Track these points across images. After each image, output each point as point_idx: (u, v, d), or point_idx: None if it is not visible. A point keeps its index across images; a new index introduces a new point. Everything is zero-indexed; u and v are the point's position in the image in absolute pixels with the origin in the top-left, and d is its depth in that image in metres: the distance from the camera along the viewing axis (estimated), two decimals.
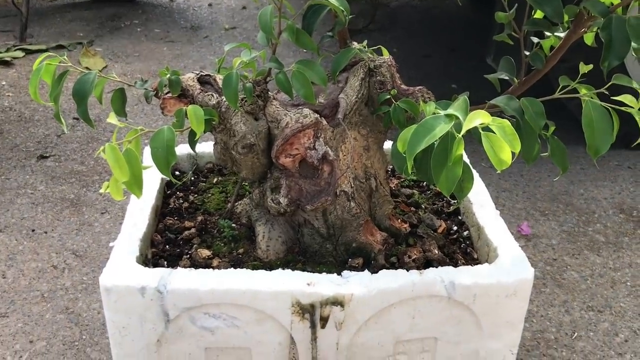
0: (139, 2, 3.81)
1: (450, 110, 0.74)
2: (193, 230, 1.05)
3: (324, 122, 0.95)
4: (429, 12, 3.67)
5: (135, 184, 0.78)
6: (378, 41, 3.20)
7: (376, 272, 0.92)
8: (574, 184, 1.99)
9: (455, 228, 1.12)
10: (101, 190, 0.81)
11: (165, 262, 0.98)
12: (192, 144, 0.92)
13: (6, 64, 2.82)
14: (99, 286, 1.50)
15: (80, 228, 1.72)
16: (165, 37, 3.24)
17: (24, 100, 2.49)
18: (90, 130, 2.23)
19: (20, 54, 2.92)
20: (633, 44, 0.82)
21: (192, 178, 1.22)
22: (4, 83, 2.64)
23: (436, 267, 0.96)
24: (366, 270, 0.92)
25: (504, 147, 0.68)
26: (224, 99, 0.94)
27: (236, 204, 1.10)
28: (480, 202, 1.10)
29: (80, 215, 1.78)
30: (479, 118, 0.67)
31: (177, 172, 1.25)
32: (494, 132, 0.69)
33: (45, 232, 1.70)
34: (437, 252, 1.02)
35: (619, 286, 1.55)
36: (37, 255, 1.61)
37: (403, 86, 0.99)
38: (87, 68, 2.81)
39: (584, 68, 0.90)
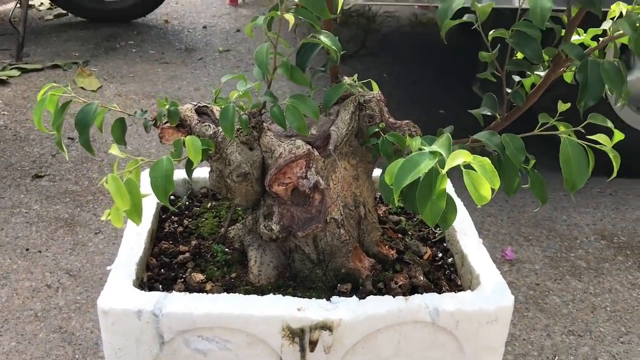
0: (135, 23, 3.87)
1: (434, 147, 0.79)
2: (187, 254, 1.09)
3: (316, 152, 0.99)
4: (418, 38, 3.75)
5: (135, 212, 0.82)
6: (369, 66, 3.27)
7: (364, 297, 0.96)
8: (557, 210, 2.04)
9: (440, 255, 1.17)
10: (102, 218, 0.85)
11: (161, 286, 1.02)
12: (189, 173, 0.96)
13: (2, 82, 2.86)
14: (92, 306, 1.53)
15: (74, 248, 1.75)
16: (160, 59, 3.29)
17: (20, 119, 2.52)
18: (85, 150, 2.26)
19: (16, 72, 2.96)
20: (607, 86, 0.87)
21: (187, 202, 1.26)
22: None
23: (421, 293, 1.01)
24: (354, 296, 0.96)
25: (484, 183, 0.73)
26: (221, 130, 0.98)
27: (229, 229, 1.14)
28: (464, 230, 1.15)
29: (74, 235, 1.81)
30: (461, 157, 0.72)
31: (172, 197, 1.29)
32: (475, 170, 0.74)
33: (40, 252, 1.73)
34: (422, 278, 1.06)
35: (599, 311, 1.60)
36: (31, 275, 1.63)
37: (391, 119, 1.04)
38: (82, 88, 2.85)
39: (562, 107, 0.95)
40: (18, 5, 3.23)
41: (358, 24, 3.68)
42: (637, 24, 0.82)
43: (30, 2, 3.41)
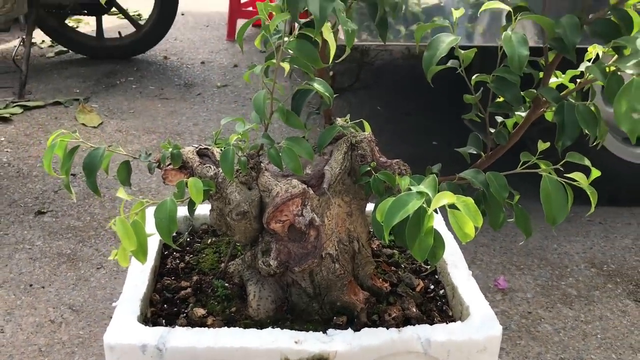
0: (134, 59, 3.96)
1: (421, 187, 0.84)
2: (189, 289, 1.14)
3: (311, 191, 1.05)
4: (411, 70, 3.84)
5: (141, 252, 0.87)
6: (363, 99, 3.35)
7: (359, 330, 1.00)
8: (548, 239, 2.09)
9: (432, 287, 1.21)
10: (110, 258, 0.89)
11: (164, 321, 1.06)
12: (191, 212, 1.01)
13: (5, 120, 2.92)
14: (95, 340, 1.56)
15: (76, 283, 1.79)
16: (159, 94, 3.37)
17: (22, 156, 2.58)
18: (86, 186, 2.32)
19: (18, 110, 3.03)
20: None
21: (188, 239, 1.31)
22: (2, 139, 2.73)
23: (414, 324, 1.05)
24: (349, 328, 1.00)
25: (468, 222, 0.78)
26: (221, 171, 1.03)
27: (229, 264, 1.19)
28: (455, 262, 1.20)
29: (76, 270, 1.85)
30: (445, 198, 0.78)
31: (173, 233, 1.34)
32: (459, 209, 0.79)
33: (43, 287, 1.77)
34: (415, 310, 1.10)
35: (590, 339, 1.64)
36: (34, 310, 1.67)
37: (382, 159, 1.10)
38: (83, 124, 2.92)
39: (542, 146, 1.01)
40: (21, 44, 3.31)
41: (352, 58, 3.77)
42: (607, 70, 0.88)
43: (32, 40, 3.49)
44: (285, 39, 0.95)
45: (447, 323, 1.04)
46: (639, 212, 2.29)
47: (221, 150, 1.10)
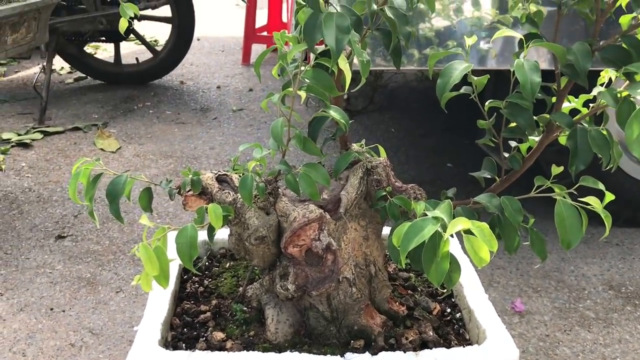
0: (151, 84, 4.03)
1: (437, 213, 0.86)
2: (208, 313, 1.15)
3: (328, 216, 1.07)
4: (424, 93, 3.87)
5: (163, 277, 0.89)
6: (377, 121, 3.38)
7: (376, 353, 1.01)
8: (564, 261, 2.09)
9: (449, 310, 1.22)
10: (133, 283, 0.92)
11: (184, 345, 1.08)
12: (211, 237, 1.04)
13: (26, 145, 2.98)
14: None
15: (96, 307, 1.81)
16: (176, 119, 3.42)
17: (42, 181, 2.63)
18: (106, 210, 2.35)
19: (39, 135, 3.09)
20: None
21: (207, 263, 1.33)
22: (23, 164, 2.79)
23: (431, 348, 1.06)
24: (367, 352, 1.01)
25: (483, 247, 0.79)
26: (239, 196, 1.06)
27: (247, 288, 1.20)
28: (471, 285, 1.20)
29: (96, 294, 1.87)
30: (461, 224, 0.79)
31: (194, 258, 1.36)
32: (475, 234, 0.80)
33: (63, 311, 1.79)
34: (432, 333, 1.11)
35: None
36: (55, 334, 1.70)
37: (397, 183, 1.11)
38: (101, 149, 2.97)
39: (555, 170, 1.02)
40: (42, 71, 3.39)
41: (366, 81, 3.81)
42: (619, 96, 0.89)
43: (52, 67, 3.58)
44: (302, 68, 0.98)
45: (464, 347, 1.05)
46: None
47: (240, 176, 1.12)
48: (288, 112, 1.02)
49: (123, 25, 1.17)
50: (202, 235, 1.38)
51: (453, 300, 1.25)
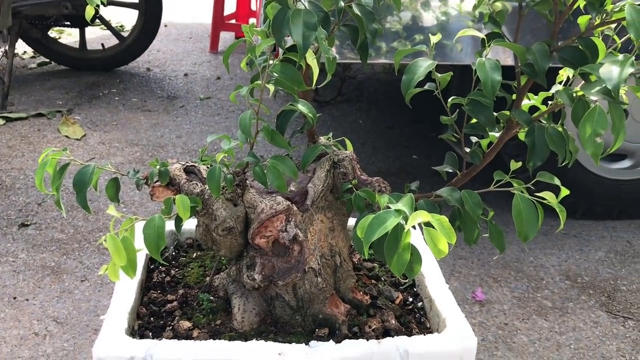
0: (117, 71, 3.97)
1: (399, 206, 0.89)
2: (175, 303, 1.17)
3: (295, 208, 1.09)
4: (392, 85, 3.91)
5: (130, 267, 0.90)
6: (345, 112, 3.41)
7: (340, 341, 1.04)
8: (524, 252, 2.15)
9: (411, 299, 1.25)
10: (100, 273, 0.92)
11: (151, 334, 1.09)
12: (178, 228, 1.05)
13: None
14: (79, 352, 1.58)
15: (60, 295, 1.80)
16: (142, 106, 3.39)
17: (5, 168, 2.58)
18: (71, 199, 2.33)
19: (1, 122, 3.03)
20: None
21: (173, 253, 1.34)
22: None
23: (393, 336, 1.09)
24: (331, 340, 1.04)
25: (442, 239, 0.83)
26: (207, 188, 1.07)
27: (214, 278, 1.22)
28: (432, 276, 1.24)
29: (60, 282, 1.86)
30: (421, 217, 0.82)
31: (162, 249, 1.37)
32: (434, 227, 0.83)
33: (27, 300, 1.78)
34: (394, 322, 1.15)
35: (563, 349, 1.69)
36: (18, 323, 1.68)
37: (363, 176, 1.14)
38: (66, 136, 2.93)
39: (514, 165, 1.06)
40: (4, 56, 3.32)
41: (333, 75, 3.83)
42: (574, 95, 0.93)
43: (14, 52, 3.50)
44: (271, 61, 0.99)
45: (424, 335, 1.08)
46: (612, 226, 2.36)
47: (208, 167, 1.13)
48: (256, 104, 1.03)
49: (90, 12, 1.16)
50: (169, 226, 1.39)
51: (415, 289, 1.28)
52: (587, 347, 1.70)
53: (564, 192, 1.02)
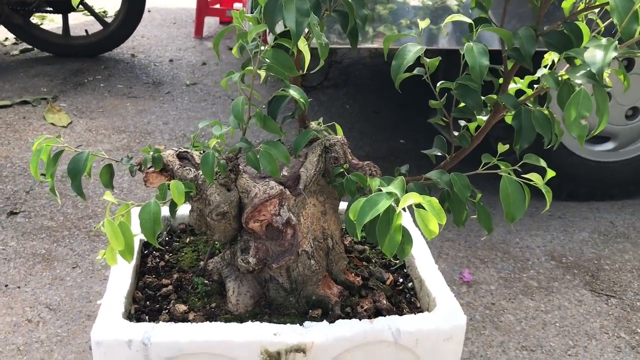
0: (101, 57, 3.94)
1: (390, 188, 0.91)
2: (170, 287, 1.18)
3: (287, 192, 1.10)
4: (379, 69, 3.92)
5: (128, 252, 0.91)
6: (332, 97, 3.42)
7: (333, 322, 1.06)
8: (510, 234, 2.19)
9: (401, 280, 1.28)
10: (98, 258, 0.94)
11: (147, 317, 1.11)
12: (173, 213, 1.06)
13: None
14: (73, 338, 1.59)
15: (52, 282, 1.81)
16: (128, 93, 3.38)
17: None
18: (59, 186, 2.33)
19: None
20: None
21: (167, 238, 1.36)
22: None
23: (385, 315, 1.12)
24: (325, 321, 1.07)
25: (432, 220, 0.85)
26: (201, 173, 1.08)
27: (208, 262, 1.24)
28: (422, 257, 1.27)
29: (52, 269, 1.87)
30: (412, 198, 0.84)
31: (158, 234, 1.38)
32: (425, 208, 0.86)
33: (19, 287, 1.78)
34: (385, 302, 1.17)
35: (549, 327, 1.74)
36: (11, 310, 1.69)
37: (354, 161, 1.16)
38: (52, 124, 2.91)
39: (501, 148, 1.08)
40: None
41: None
42: (560, 79, 0.96)
43: None
44: (262, 47, 1.00)
45: (415, 314, 1.11)
46: (596, 207, 2.41)
47: (200, 153, 1.15)
48: (248, 90, 1.04)
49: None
50: (163, 211, 1.41)
51: (405, 270, 1.31)
52: (572, 325, 1.75)
53: (550, 173, 1.04)
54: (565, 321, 1.76)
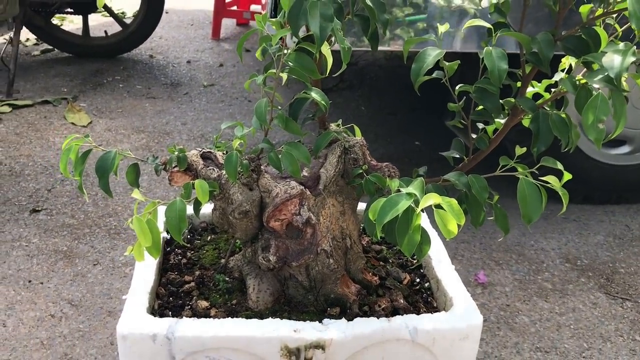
0: (120, 58, 4.00)
1: (410, 189, 0.93)
2: (192, 283, 1.21)
3: (308, 192, 1.13)
4: (394, 71, 3.94)
5: (154, 248, 0.94)
6: (347, 99, 3.44)
7: (351, 319, 1.09)
8: (525, 236, 2.20)
9: (418, 280, 1.30)
10: (126, 253, 0.97)
11: (170, 313, 1.14)
12: (197, 212, 1.09)
13: None
14: (95, 333, 1.63)
15: (74, 279, 1.85)
16: (146, 94, 3.42)
17: (14, 154, 2.62)
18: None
19: (7, 109, 3.06)
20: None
21: (188, 236, 1.39)
22: None
23: (402, 314, 1.14)
24: (343, 318, 1.09)
25: (451, 220, 0.87)
26: (224, 173, 1.11)
27: (229, 259, 1.27)
28: (439, 258, 1.29)
29: (73, 266, 1.91)
30: (432, 199, 0.86)
31: (183, 231, 1.41)
32: (444, 209, 0.88)
33: (42, 283, 1.83)
34: (402, 301, 1.19)
35: (563, 329, 1.75)
36: (35, 305, 1.73)
37: (373, 162, 1.18)
38: (72, 124, 2.96)
39: (519, 151, 1.10)
40: (9, 43, 3.34)
41: (336, 59, 3.85)
42: (578, 83, 0.97)
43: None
44: (285, 51, 1.03)
45: (432, 313, 1.13)
46: (611, 210, 2.41)
47: (224, 153, 1.17)
48: (271, 92, 1.07)
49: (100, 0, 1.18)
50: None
51: (422, 271, 1.33)
52: (587, 328, 1.76)
53: (567, 176, 1.06)
54: (580, 323, 1.77)
